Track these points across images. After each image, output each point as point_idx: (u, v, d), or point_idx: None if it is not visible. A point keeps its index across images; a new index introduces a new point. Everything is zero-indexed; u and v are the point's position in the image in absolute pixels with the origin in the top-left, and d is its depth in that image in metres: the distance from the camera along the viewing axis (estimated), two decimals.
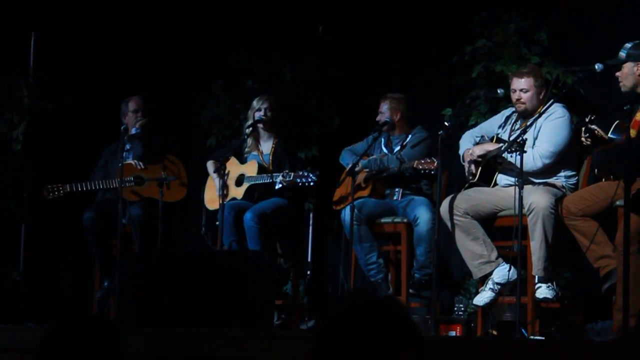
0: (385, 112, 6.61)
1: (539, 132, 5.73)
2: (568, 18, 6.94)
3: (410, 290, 6.40)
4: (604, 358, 4.05)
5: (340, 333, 1.97)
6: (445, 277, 6.92)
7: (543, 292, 5.60)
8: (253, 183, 6.66)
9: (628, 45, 5.38)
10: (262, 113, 6.79)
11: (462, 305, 6.72)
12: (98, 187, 6.98)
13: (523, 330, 5.41)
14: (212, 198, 6.79)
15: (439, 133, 5.72)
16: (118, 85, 7.91)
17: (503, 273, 5.72)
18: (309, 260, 7.94)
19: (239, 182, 6.75)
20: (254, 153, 6.85)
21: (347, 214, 6.24)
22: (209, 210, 6.87)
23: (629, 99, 5.31)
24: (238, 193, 6.72)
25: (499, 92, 6.13)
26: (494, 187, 5.92)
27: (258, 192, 6.67)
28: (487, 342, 5.07)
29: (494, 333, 5.95)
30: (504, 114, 6.10)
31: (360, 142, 6.74)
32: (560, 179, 5.78)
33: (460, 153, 6.07)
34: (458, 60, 6.90)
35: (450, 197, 5.86)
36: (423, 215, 6.22)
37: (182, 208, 7.75)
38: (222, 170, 6.53)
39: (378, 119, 6.62)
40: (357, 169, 6.38)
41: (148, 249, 6.64)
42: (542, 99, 5.85)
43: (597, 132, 5.33)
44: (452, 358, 4.36)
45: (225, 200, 6.50)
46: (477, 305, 5.93)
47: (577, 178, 5.85)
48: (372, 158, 6.56)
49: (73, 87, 8.18)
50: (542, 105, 5.78)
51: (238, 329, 5.13)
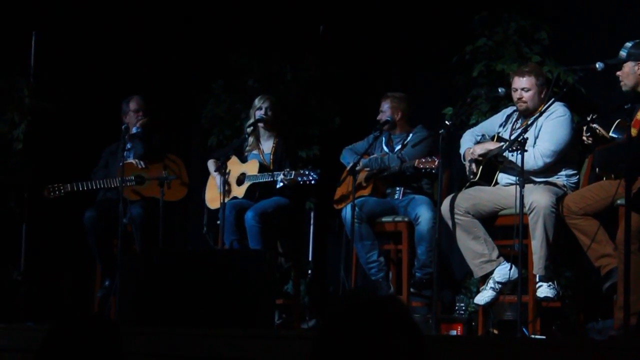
0: (386, 111, 6.60)
1: (540, 131, 5.72)
2: (568, 17, 6.95)
3: (411, 290, 6.40)
4: (605, 357, 4.05)
5: (341, 332, 1.97)
6: (446, 276, 6.92)
7: (544, 291, 5.60)
8: (254, 182, 6.66)
9: (628, 45, 5.37)
10: (262, 112, 6.79)
11: (463, 305, 6.72)
12: (99, 186, 6.98)
13: (524, 329, 5.40)
14: (212, 197, 6.79)
15: (440, 132, 5.72)
16: (119, 85, 7.92)
17: (504, 272, 5.72)
18: (310, 260, 7.94)
19: (240, 181, 6.75)
20: (255, 152, 6.85)
21: (348, 213, 6.23)
22: (210, 210, 6.87)
23: (630, 98, 5.31)
24: (239, 192, 6.72)
25: (500, 91, 6.12)
26: (495, 186, 5.91)
27: (259, 191, 6.67)
28: (488, 341, 5.06)
29: (495, 332, 5.95)
30: (505, 113, 6.09)
31: (361, 141, 6.74)
32: (561, 178, 5.78)
33: (461, 152, 6.06)
34: (459, 60, 6.90)
35: (451, 196, 5.85)
36: (424, 214, 6.21)
37: (183, 207, 7.76)
38: (223, 169, 6.53)
39: (379, 118, 6.61)
40: (358, 168, 6.37)
41: (149, 249, 6.64)
42: (543, 98, 5.85)
43: (598, 131, 5.32)
44: (453, 357, 4.36)
45: (227, 199, 6.49)
46: (478, 305, 5.92)
47: (578, 177, 5.84)
48: (372, 157, 6.55)
49: (73, 86, 8.18)
50: (543, 104, 5.78)
51: (239, 329, 5.12)
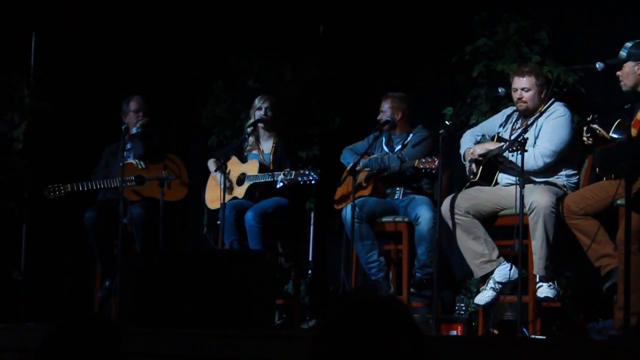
0: (387, 111, 6.60)
1: (540, 131, 5.72)
2: (568, 17, 6.94)
3: (412, 290, 6.40)
4: (605, 357, 4.05)
5: (341, 332, 1.97)
6: (446, 276, 6.92)
7: (544, 291, 5.60)
8: (254, 182, 6.66)
9: (629, 45, 5.37)
10: (262, 112, 6.79)
11: (463, 305, 6.72)
12: (99, 186, 6.98)
13: (524, 330, 5.40)
14: (212, 197, 6.79)
15: (440, 132, 5.71)
16: (119, 85, 7.92)
17: (504, 272, 5.72)
18: (310, 260, 7.94)
19: (240, 181, 6.75)
20: (255, 152, 6.85)
21: (348, 213, 6.23)
22: (210, 210, 6.87)
23: (630, 98, 5.31)
24: (239, 192, 6.72)
25: (500, 91, 6.12)
26: (495, 186, 5.91)
27: (259, 191, 6.67)
28: (488, 341, 5.06)
29: (495, 332, 5.95)
30: (505, 113, 6.09)
31: (361, 141, 6.74)
32: (562, 178, 5.78)
33: (461, 152, 6.06)
34: (459, 60, 6.90)
35: (451, 196, 5.85)
36: (424, 215, 6.21)
37: (183, 207, 7.75)
38: (223, 168, 6.51)
39: (379, 118, 6.61)
40: (358, 168, 6.37)
41: (149, 249, 6.64)
42: (543, 98, 5.85)
43: (598, 131, 5.32)
44: (453, 357, 4.36)
45: (227, 198, 6.49)
46: (478, 305, 5.92)
47: (578, 177, 5.84)
48: (373, 157, 6.55)
49: (74, 86, 8.17)
50: (543, 104, 5.78)
51: (239, 329, 5.12)
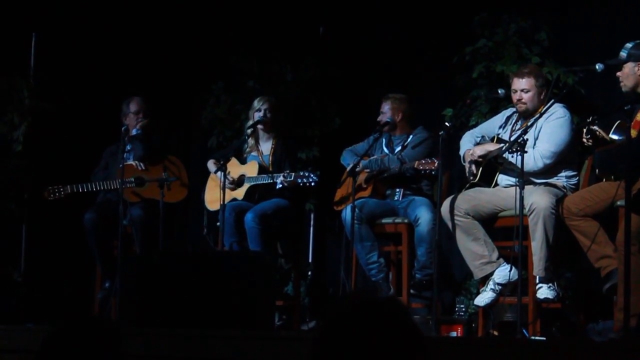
0: (387, 112, 6.60)
1: (540, 132, 5.72)
2: (568, 18, 6.94)
3: (411, 291, 6.39)
4: (605, 358, 4.05)
5: (341, 333, 1.96)
6: (446, 277, 6.92)
7: (544, 292, 5.60)
8: (254, 184, 6.65)
9: (629, 45, 5.38)
10: (261, 114, 6.79)
11: (463, 306, 6.72)
12: (99, 188, 6.97)
13: (524, 331, 5.40)
14: (212, 199, 6.78)
15: (440, 133, 5.71)
16: (119, 86, 7.91)
17: (504, 273, 5.72)
18: (310, 261, 7.94)
19: (240, 182, 6.74)
20: (254, 154, 6.85)
21: (348, 214, 6.23)
22: (210, 211, 6.86)
23: (630, 99, 5.31)
24: (239, 193, 6.71)
25: (500, 92, 6.12)
26: (495, 187, 5.91)
27: (259, 192, 6.66)
28: (488, 342, 5.06)
29: (495, 333, 5.95)
30: (505, 114, 6.09)
31: (362, 142, 6.74)
32: (561, 179, 5.78)
33: (461, 153, 6.06)
34: (459, 61, 6.90)
35: (451, 197, 5.85)
36: (424, 216, 6.21)
37: (183, 209, 7.75)
38: (223, 169, 6.50)
39: (379, 119, 6.61)
40: (357, 170, 6.36)
41: (149, 250, 6.64)
42: (542, 99, 5.85)
43: (598, 132, 5.32)
44: (453, 358, 4.36)
45: (227, 200, 6.48)
46: (478, 306, 5.92)
47: (577, 178, 5.84)
48: (372, 158, 6.55)
49: (74, 87, 8.17)
50: (542, 106, 5.77)
51: (239, 330, 5.12)
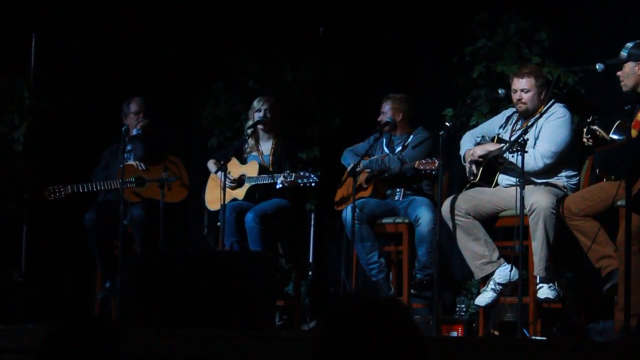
0: (388, 112, 6.60)
1: (540, 132, 5.72)
2: (568, 18, 6.94)
3: (412, 291, 6.39)
4: (606, 358, 4.05)
5: (342, 334, 1.96)
6: (447, 277, 6.92)
7: (544, 292, 5.60)
8: (254, 184, 6.65)
9: (629, 45, 5.38)
10: (261, 114, 6.79)
11: (463, 306, 6.71)
12: (99, 188, 6.97)
13: (525, 331, 5.40)
14: (212, 199, 6.78)
15: (440, 133, 5.71)
16: (119, 86, 7.91)
17: (504, 273, 5.72)
18: (311, 261, 7.93)
19: (240, 182, 6.74)
20: (254, 154, 6.85)
21: (348, 214, 6.23)
22: (210, 211, 6.86)
23: (630, 99, 5.31)
24: (239, 194, 6.71)
25: (500, 92, 6.12)
26: (495, 187, 5.91)
27: (259, 192, 6.66)
28: (488, 342, 5.06)
29: (496, 333, 5.95)
30: (505, 114, 6.09)
31: (362, 142, 6.74)
32: (562, 179, 5.78)
33: (461, 153, 6.06)
34: (459, 61, 6.90)
35: (452, 197, 5.85)
36: (424, 216, 6.21)
37: (183, 209, 7.74)
38: (224, 169, 6.50)
39: (380, 119, 6.61)
40: (358, 170, 6.36)
41: (149, 250, 6.64)
42: (543, 99, 5.85)
43: (598, 132, 5.32)
44: (453, 358, 4.36)
45: (227, 200, 6.48)
46: (478, 306, 5.92)
47: (578, 178, 5.84)
48: (373, 158, 6.55)
49: (74, 88, 8.17)
50: (543, 106, 5.77)
51: (239, 330, 5.12)
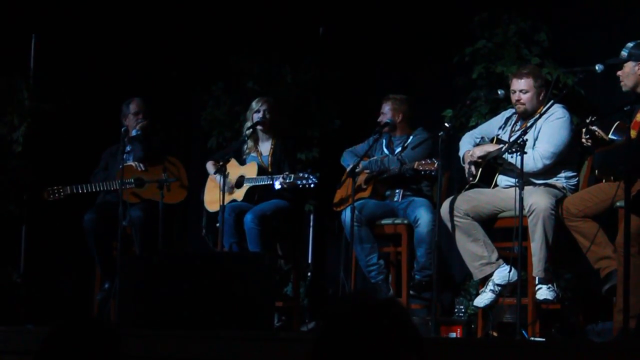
0: (387, 113, 6.60)
1: (539, 132, 5.72)
2: (568, 18, 6.94)
3: (411, 292, 6.39)
4: (605, 359, 4.05)
5: (341, 334, 1.96)
6: (446, 278, 6.92)
7: (543, 293, 5.60)
8: (253, 184, 6.65)
9: (630, 45, 5.38)
10: (260, 115, 6.79)
11: (462, 307, 6.71)
12: (98, 189, 6.98)
13: (523, 332, 5.40)
14: (211, 200, 6.78)
15: (440, 134, 5.71)
16: (118, 87, 7.92)
17: (503, 274, 5.72)
18: (310, 262, 7.93)
19: (239, 183, 6.74)
20: (253, 154, 6.85)
21: (347, 215, 6.23)
22: (209, 212, 6.86)
23: (630, 100, 5.31)
24: (238, 195, 6.71)
25: (500, 93, 6.12)
26: (495, 188, 5.91)
27: (258, 193, 6.66)
28: (487, 343, 5.06)
29: (495, 334, 5.95)
30: (504, 115, 6.09)
31: (362, 143, 6.74)
32: (561, 180, 5.78)
33: (461, 154, 6.06)
34: (458, 61, 6.90)
35: (451, 198, 5.85)
36: (423, 217, 6.21)
37: (182, 210, 7.75)
38: (223, 171, 6.50)
39: (379, 120, 6.61)
40: (357, 170, 6.36)
41: (148, 251, 6.64)
42: (542, 100, 5.85)
43: (597, 133, 5.32)
44: (452, 359, 4.35)
45: (226, 201, 6.48)
46: (477, 307, 5.92)
47: (577, 179, 5.84)
48: (372, 159, 6.55)
49: (73, 89, 8.18)
50: (542, 106, 5.77)
51: (238, 331, 5.12)
